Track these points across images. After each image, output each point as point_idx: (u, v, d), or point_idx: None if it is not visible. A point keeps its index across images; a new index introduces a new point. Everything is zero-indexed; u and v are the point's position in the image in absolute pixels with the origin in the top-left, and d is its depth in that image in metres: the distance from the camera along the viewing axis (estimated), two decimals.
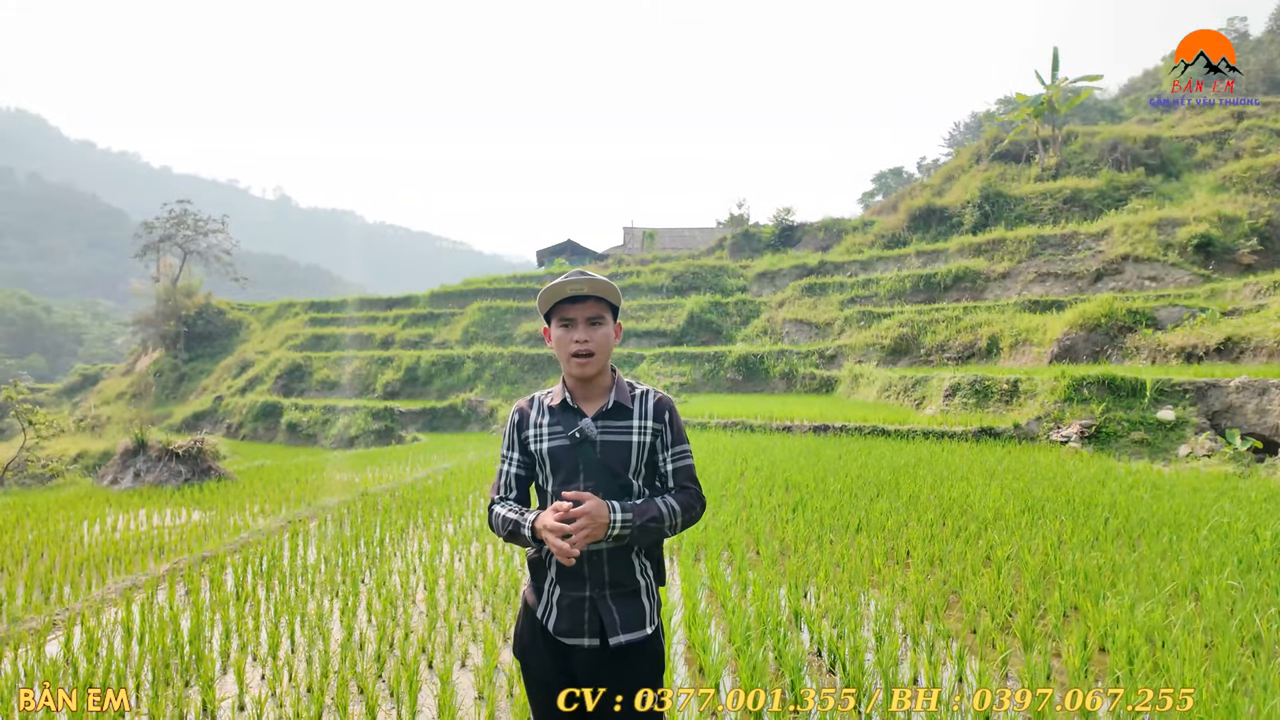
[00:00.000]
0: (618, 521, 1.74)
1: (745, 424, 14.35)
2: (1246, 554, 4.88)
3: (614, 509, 1.74)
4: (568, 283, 1.81)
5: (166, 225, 44.65)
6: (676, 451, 1.93)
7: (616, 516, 1.74)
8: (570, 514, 1.69)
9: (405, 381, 29.24)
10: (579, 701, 1.82)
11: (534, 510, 1.87)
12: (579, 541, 1.67)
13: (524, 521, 1.80)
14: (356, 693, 3.44)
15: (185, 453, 11.98)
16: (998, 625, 3.89)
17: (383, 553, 6.07)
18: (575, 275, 1.83)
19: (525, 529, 1.79)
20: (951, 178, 34.73)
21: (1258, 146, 25.91)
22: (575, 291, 1.82)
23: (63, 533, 7.84)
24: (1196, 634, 3.51)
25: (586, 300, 1.84)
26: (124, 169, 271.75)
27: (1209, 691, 2.87)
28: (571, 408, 1.91)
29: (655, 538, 1.83)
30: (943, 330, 20.60)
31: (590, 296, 1.84)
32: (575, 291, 1.82)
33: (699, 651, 3.52)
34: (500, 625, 4.21)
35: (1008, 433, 11.76)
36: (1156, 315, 16.03)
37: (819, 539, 5.68)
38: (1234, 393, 10.62)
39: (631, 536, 1.78)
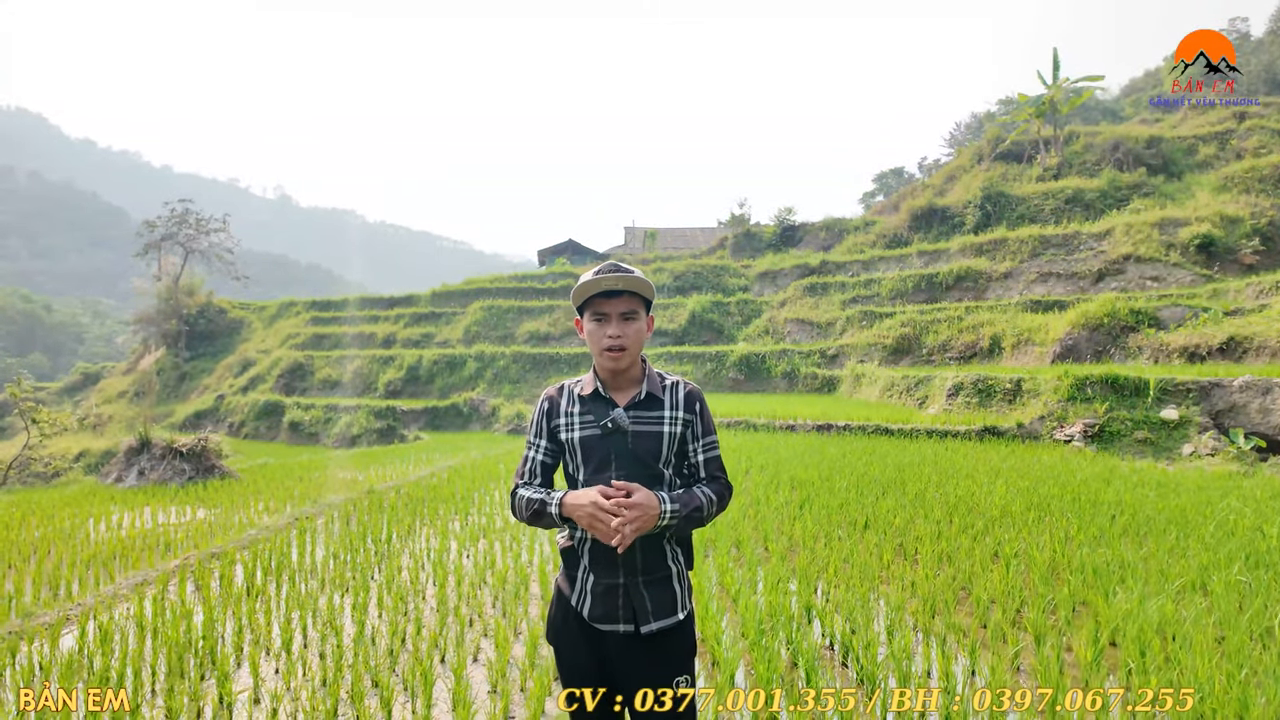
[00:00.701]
0: (667, 512, 1.76)
1: (748, 423, 14.36)
2: (1254, 550, 4.90)
3: (663, 500, 1.77)
4: (603, 278, 1.83)
5: (168, 224, 44.67)
6: (707, 442, 1.96)
7: (666, 508, 1.76)
8: (622, 504, 1.71)
9: (407, 380, 29.27)
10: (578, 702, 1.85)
11: (560, 490, 1.88)
12: (628, 535, 1.69)
13: (550, 500, 1.83)
14: (371, 686, 3.45)
15: (189, 451, 11.99)
16: (1008, 620, 3.91)
17: (391, 549, 6.09)
18: (610, 270, 1.84)
19: (552, 507, 1.81)
20: (953, 178, 34.77)
21: (1259, 147, 25.93)
22: (610, 287, 1.84)
23: (69, 530, 7.86)
24: (1207, 628, 3.53)
25: (621, 295, 1.86)
26: (124, 168, 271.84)
27: (1221, 684, 2.89)
28: (604, 398, 1.92)
29: (694, 527, 1.86)
30: (945, 330, 20.61)
31: (625, 292, 1.86)
32: (610, 287, 1.84)
33: (712, 644, 3.54)
34: (511, 621, 4.23)
35: (1011, 432, 11.78)
36: (1159, 315, 16.04)
37: (827, 536, 5.70)
38: (1237, 392, 10.63)
39: (676, 526, 1.81)
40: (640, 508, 1.71)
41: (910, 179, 60.52)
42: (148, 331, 42.88)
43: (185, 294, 42.40)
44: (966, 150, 38.04)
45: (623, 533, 1.68)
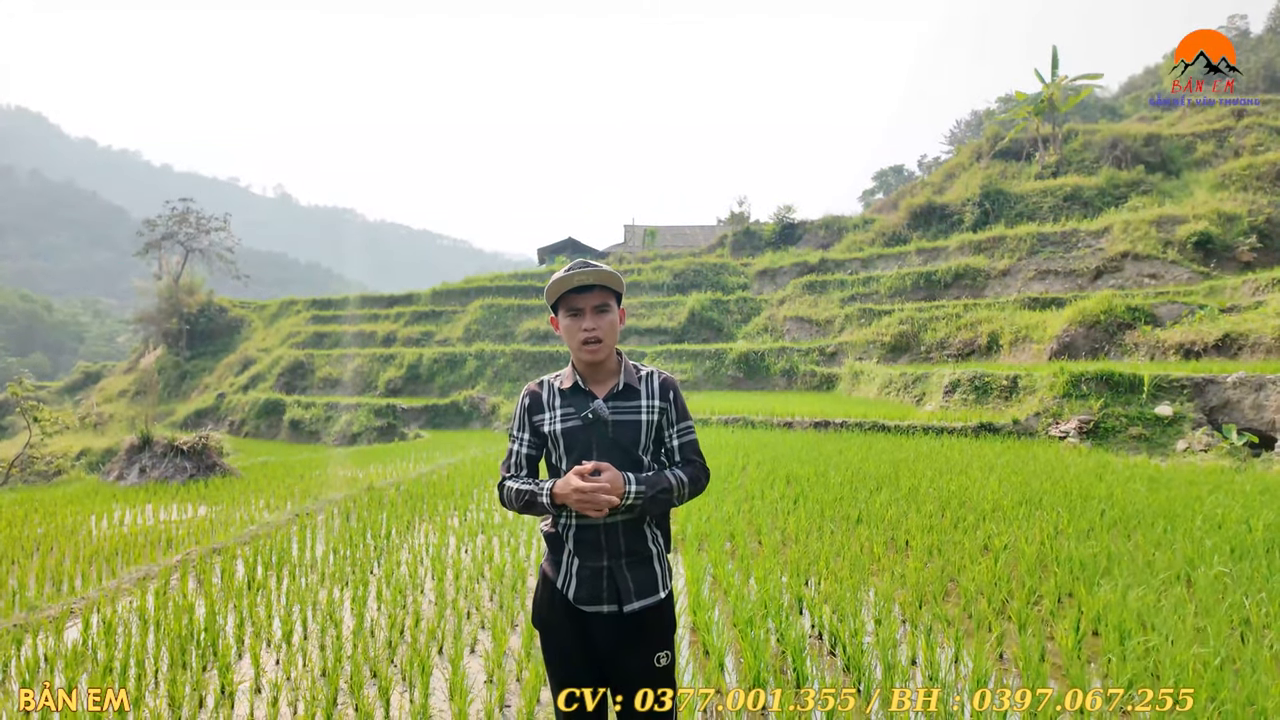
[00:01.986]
0: (632, 492, 1.85)
1: (746, 420, 14.44)
2: (1239, 543, 4.97)
3: (629, 480, 1.86)
4: (575, 274, 1.92)
5: (169, 223, 44.75)
6: (681, 427, 2.05)
7: (631, 488, 1.86)
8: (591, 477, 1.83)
9: (407, 379, 29.34)
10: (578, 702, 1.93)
11: (548, 480, 1.97)
12: (601, 503, 1.80)
13: (540, 490, 1.92)
14: (370, 676, 3.53)
15: (190, 449, 12.08)
16: (994, 610, 3.99)
17: (390, 545, 6.17)
18: (580, 267, 1.93)
19: (543, 496, 1.91)
20: (952, 175, 34.80)
21: (1257, 145, 25.95)
22: (582, 282, 1.93)
23: (71, 527, 7.94)
24: (1187, 618, 3.60)
25: (593, 290, 1.96)
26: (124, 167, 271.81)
27: (1196, 670, 2.97)
28: (583, 390, 2.01)
29: (665, 508, 1.95)
30: (943, 327, 20.68)
31: (596, 286, 1.95)
32: (582, 282, 1.93)
33: (704, 633, 3.62)
34: (508, 613, 4.30)
35: (1007, 428, 11.85)
36: (1156, 312, 16.11)
37: (820, 529, 5.77)
38: (1231, 388, 10.70)
39: (643, 506, 1.89)
40: (609, 481, 1.82)
41: (910, 177, 60.57)
42: (148, 330, 42.98)
43: (186, 293, 42.45)
44: (966, 148, 38.06)
45: (597, 501, 1.79)
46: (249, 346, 38.97)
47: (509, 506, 1.99)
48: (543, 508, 1.92)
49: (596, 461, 1.87)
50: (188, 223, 44.97)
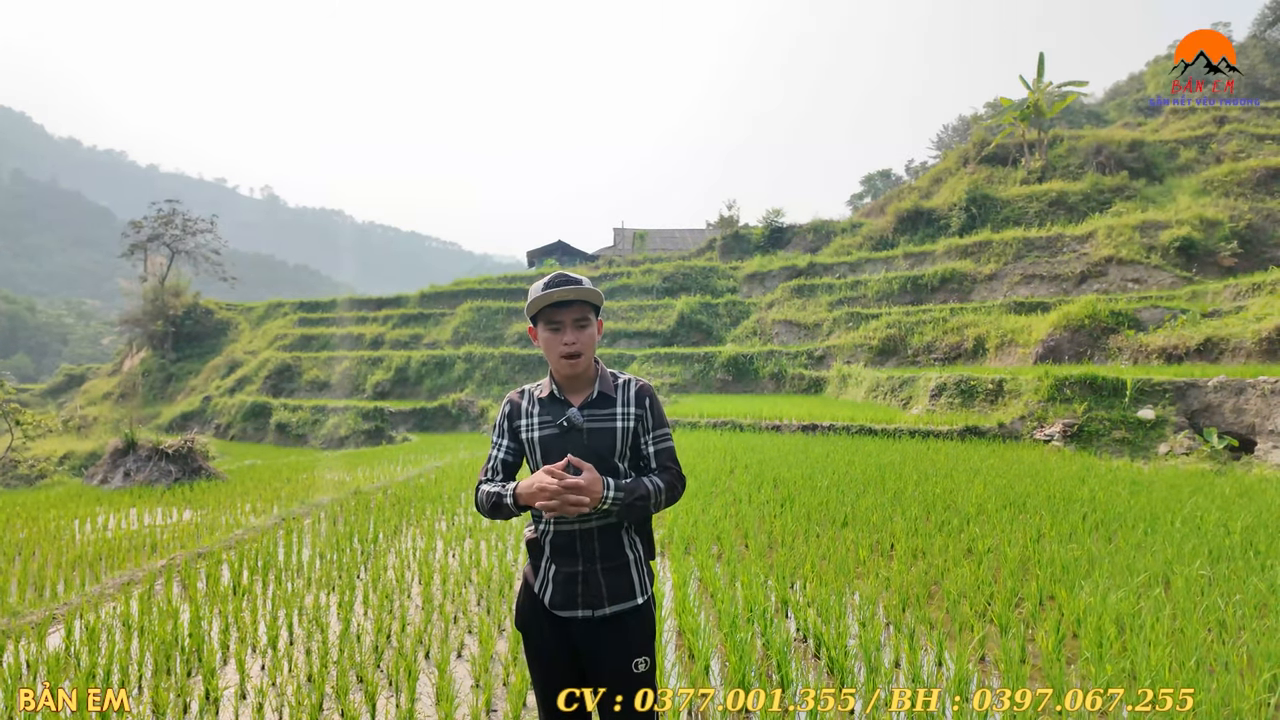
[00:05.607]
0: (610, 497, 1.87)
1: (735, 423, 14.48)
2: (1217, 545, 5.05)
3: (608, 485, 1.88)
4: (556, 291, 1.94)
5: (154, 224, 44.37)
6: (658, 435, 2.07)
7: (610, 493, 1.87)
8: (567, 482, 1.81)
9: (395, 382, 29.22)
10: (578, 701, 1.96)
11: (514, 482, 1.98)
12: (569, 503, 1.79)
13: (505, 492, 1.92)
14: (355, 681, 3.53)
15: (175, 452, 11.98)
16: (976, 613, 4.03)
17: (377, 549, 6.15)
18: (561, 283, 1.95)
19: (507, 498, 1.91)
20: (939, 180, 35.05)
21: (1239, 151, 26.33)
22: (563, 298, 1.96)
23: (54, 531, 7.86)
24: (1164, 619, 3.66)
25: (572, 305, 1.98)
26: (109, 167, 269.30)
27: (1172, 670, 3.02)
28: (560, 399, 2.04)
29: (641, 514, 1.96)
30: (930, 331, 20.83)
31: (575, 301, 1.98)
32: (563, 298, 1.96)
33: (689, 636, 3.64)
34: (495, 618, 4.31)
35: (992, 431, 11.96)
36: (1139, 316, 16.31)
37: (806, 533, 5.81)
38: (1212, 392, 10.85)
39: (620, 512, 1.92)
40: (584, 488, 1.81)
41: (897, 181, 60.95)
42: (133, 333, 42.57)
43: (171, 295, 42.05)
44: (952, 153, 38.35)
45: (565, 501, 1.78)
46: (235, 349, 38.66)
47: (481, 510, 2.00)
48: (509, 510, 1.91)
49: (581, 460, 1.87)
50: (174, 224, 44.61)
